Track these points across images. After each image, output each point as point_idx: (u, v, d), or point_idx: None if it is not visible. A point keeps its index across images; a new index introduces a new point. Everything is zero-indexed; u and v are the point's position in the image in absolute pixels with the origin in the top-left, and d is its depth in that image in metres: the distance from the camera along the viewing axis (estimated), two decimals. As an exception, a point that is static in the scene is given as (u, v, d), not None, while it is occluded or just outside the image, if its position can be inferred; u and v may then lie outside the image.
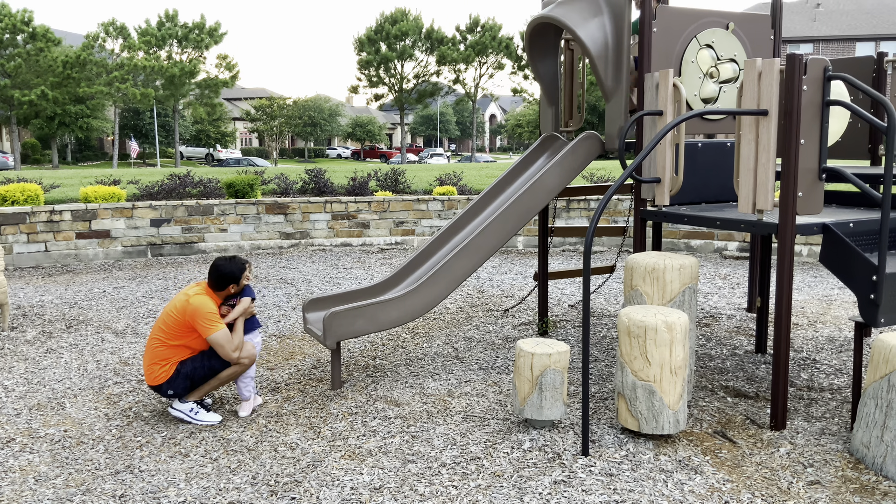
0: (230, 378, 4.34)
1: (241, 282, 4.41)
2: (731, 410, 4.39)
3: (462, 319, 6.73)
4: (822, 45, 46.08)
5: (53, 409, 4.53)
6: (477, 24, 52.09)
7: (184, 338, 4.22)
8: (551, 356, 4.00)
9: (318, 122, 58.06)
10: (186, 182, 11.52)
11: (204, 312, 4.17)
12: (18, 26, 37.78)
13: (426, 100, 55.48)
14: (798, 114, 3.83)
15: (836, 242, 3.98)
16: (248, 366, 4.34)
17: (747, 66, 3.96)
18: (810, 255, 9.55)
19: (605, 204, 3.70)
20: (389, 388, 4.84)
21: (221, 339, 4.18)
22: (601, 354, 5.57)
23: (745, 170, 4.03)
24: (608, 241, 10.87)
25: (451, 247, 5.50)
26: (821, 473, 3.57)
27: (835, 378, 4.99)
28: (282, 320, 6.72)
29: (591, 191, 6.71)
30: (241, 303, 4.42)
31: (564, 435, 4.04)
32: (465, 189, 12.22)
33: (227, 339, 4.21)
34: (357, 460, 3.77)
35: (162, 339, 4.22)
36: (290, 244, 10.91)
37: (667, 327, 3.78)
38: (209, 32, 46.17)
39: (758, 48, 5.31)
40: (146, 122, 48.76)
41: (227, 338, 4.21)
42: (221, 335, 4.19)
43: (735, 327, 6.35)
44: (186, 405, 4.28)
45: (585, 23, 5.12)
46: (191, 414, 4.28)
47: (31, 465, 3.76)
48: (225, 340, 4.20)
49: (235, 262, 4.37)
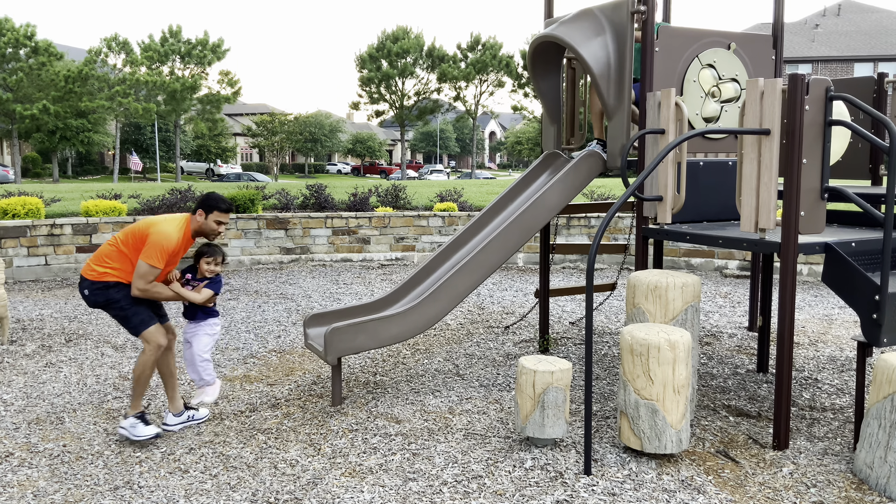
0: (142, 373, 4.17)
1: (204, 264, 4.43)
2: (734, 430, 4.38)
3: (463, 336, 6.71)
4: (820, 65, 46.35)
5: (52, 424, 4.51)
6: (478, 42, 52.38)
7: (131, 252, 4.16)
8: (553, 374, 3.99)
9: (318, 137, 58.21)
10: (187, 197, 11.53)
11: (157, 241, 4.10)
12: (21, 40, 37.95)
13: (427, 117, 55.69)
14: (800, 133, 3.85)
15: (838, 262, 3.98)
16: (150, 353, 4.17)
17: (749, 86, 3.98)
18: (811, 274, 9.55)
19: (607, 222, 3.70)
20: (390, 405, 4.82)
21: (144, 269, 4.09)
22: (603, 372, 5.56)
23: (747, 189, 4.04)
24: (609, 259, 10.87)
25: (452, 263, 5.50)
26: (824, 494, 3.55)
27: (837, 398, 4.97)
28: (282, 336, 6.70)
29: (592, 208, 6.72)
30: (203, 292, 4.43)
31: (566, 454, 4.02)
32: (465, 205, 12.24)
33: (147, 276, 4.10)
34: (357, 478, 3.75)
35: (119, 239, 4.20)
36: (290, 259, 10.91)
37: (670, 345, 3.77)
38: (212, 49, 46.40)
39: (759, 68, 5.34)
40: (147, 137, 48.90)
41: (148, 276, 4.10)
42: (147, 268, 4.09)
43: (736, 346, 6.33)
44: (128, 420, 4.17)
45: (588, 42, 5.15)
46: (131, 430, 4.15)
47: (30, 479, 3.74)
48: (144, 273, 4.09)
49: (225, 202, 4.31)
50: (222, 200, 4.31)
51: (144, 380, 4.22)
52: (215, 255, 4.51)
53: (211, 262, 4.49)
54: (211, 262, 4.49)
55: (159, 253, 4.11)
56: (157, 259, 4.11)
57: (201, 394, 4.62)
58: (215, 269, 4.51)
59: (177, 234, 4.20)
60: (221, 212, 4.31)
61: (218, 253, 4.53)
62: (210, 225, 4.30)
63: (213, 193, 4.33)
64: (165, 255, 4.14)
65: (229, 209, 4.36)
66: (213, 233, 4.33)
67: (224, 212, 4.32)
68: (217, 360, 5.88)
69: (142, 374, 4.19)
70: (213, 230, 4.31)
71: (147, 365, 4.19)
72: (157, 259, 4.11)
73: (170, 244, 4.14)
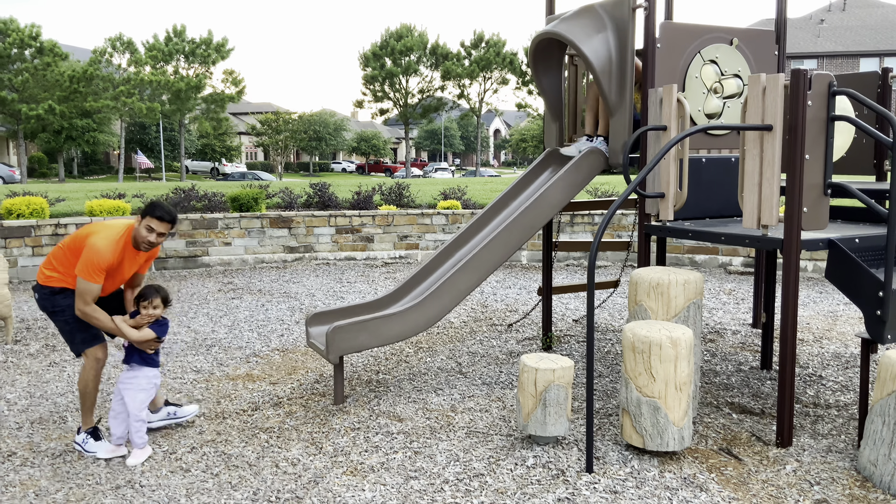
0: (85, 388, 4.05)
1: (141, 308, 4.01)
2: (737, 427, 4.36)
3: (466, 334, 6.70)
4: (825, 60, 46.16)
5: (55, 423, 4.52)
6: (481, 39, 52.33)
7: (73, 258, 3.92)
8: (555, 371, 3.98)
9: (323, 136, 58.25)
10: (191, 196, 11.55)
11: (87, 257, 3.79)
12: (26, 41, 38.05)
13: (431, 114, 55.68)
14: (803, 129, 3.82)
15: (841, 258, 3.96)
16: (89, 368, 4.03)
17: (751, 82, 3.95)
18: (815, 270, 9.51)
19: (608, 219, 3.69)
20: (392, 403, 4.81)
21: (81, 287, 3.81)
22: (606, 370, 5.54)
23: (749, 185, 4.02)
24: (612, 256, 10.84)
25: (454, 261, 5.48)
26: (827, 491, 3.53)
27: (841, 394, 4.95)
28: (285, 334, 6.70)
29: (595, 205, 6.70)
30: (143, 330, 4.00)
31: (568, 451, 4.00)
32: (469, 203, 12.23)
33: (84, 294, 3.82)
34: (359, 476, 3.75)
35: (66, 242, 3.98)
36: (294, 258, 10.91)
37: (671, 343, 3.75)
38: (216, 48, 46.43)
39: (762, 64, 5.31)
40: (152, 137, 48.99)
41: (85, 294, 3.82)
42: (84, 285, 3.80)
43: (740, 343, 6.31)
44: (80, 436, 4.08)
45: (589, 38, 5.13)
46: (83, 445, 4.04)
47: (32, 479, 3.74)
48: (81, 292, 3.82)
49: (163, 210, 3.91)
50: (160, 207, 3.91)
51: (89, 394, 4.08)
52: (151, 297, 4.00)
53: (148, 304, 4.00)
54: (148, 304, 4.00)
55: (90, 269, 3.80)
56: (89, 275, 3.81)
57: (119, 451, 4.03)
58: (153, 312, 4.02)
59: (110, 247, 3.84)
60: (155, 218, 3.88)
61: (155, 294, 4.03)
62: (140, 231, 3.90)
63: (159, 202, 3.96)
64: (99, 272, 3.82)
65: (165, 218, 3.90)
66: (142, 241, 3.91)
67: (158, 219, 3.88)
68: (220, 360, 5.89)
69: (85, 390, 4.08)
70: (143, 238, 3.90)
71: (89, 380, 4.05)
72: (89, 275, 3.81)
73: (100, 260, 3.81)
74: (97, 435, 4.07)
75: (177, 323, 7.13)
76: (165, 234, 3.98)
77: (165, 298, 4.11)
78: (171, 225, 3.96)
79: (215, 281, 9.50)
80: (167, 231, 3.96)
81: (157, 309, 4.04)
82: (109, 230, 3.93)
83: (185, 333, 6.74)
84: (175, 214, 4.00)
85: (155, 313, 4.04)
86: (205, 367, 5.70)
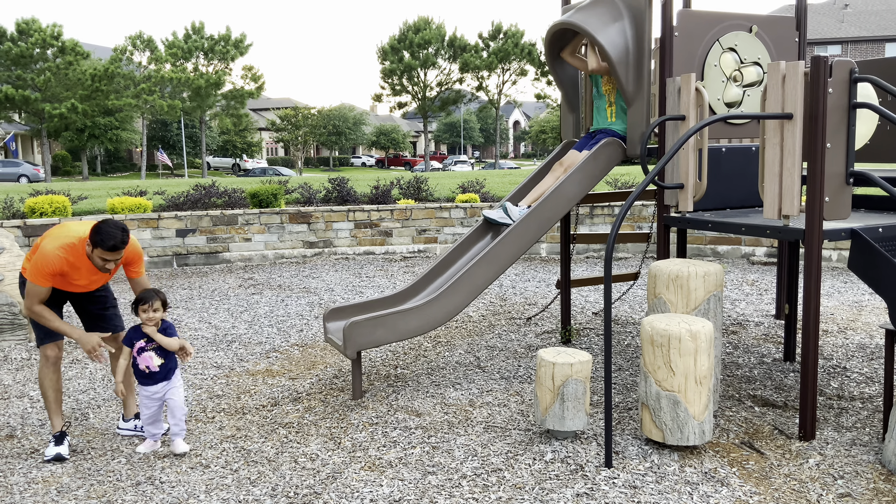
0: (41, 387, 4.03)
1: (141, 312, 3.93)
2: (759, 420, 4.30)
3: (484, 328, 6.68)
4: (850, 46, 45.41)
5: (77, 420, 4.56)
6: (499, 31, 52.07)
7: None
8: (573, 366, 3.95)
9: (342, 131, 58.40)
10: (212, 192, 11.62)
11: (35, 261, 3.79)
12: (48, 41, 38.49)
13: (449, 107, 55.57)
14: (824, 117, 3.75)
15: (864, 248, 3.88)
16: (41, 366, 4.01)
17: (771, 69, 3.88)
18: (840, 260, 9.37)
19: (625, 211, 3.64)
20: (410, 398, 4.81)
21: (28, 287, 3.84)
22: (625, 363, 5.50)
23: (770, 175, 3.95)
24: (633, 248, 10.76)
25: (471, 255, 5.46)
26: (851, 486, 3.48)
27: (866, 386, 4.87)
28: (304, 329, 6.72)
29: (615, 197, 6.64)
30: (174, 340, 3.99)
31: (587, 446, 3.98)
32: (487, 196, 12.19)
33: (31, 294, 3.83)
34: (377, 472, 3.75)
35: (38, 241, 3.96)
36: (313, 253, 10.95)
37: (691, 336, 3.71)
38: (235, 44, 46.68)
39: (782, 51, 5.22)
40: (174, 134, 49.41)
41: (31, 294, 3.82)
42: (30, 285, 3.82)
43: (763, 335, 6.23)
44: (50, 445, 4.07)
45: (605, 28, 5.07)
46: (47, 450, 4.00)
47: (54, 476, 3.78)
48: (28, 292, 3.84)
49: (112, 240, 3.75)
50: (110, 237, 3.74)
51: (46, 394, 4.05)
52: (151, 300, 3.94)
53: (147, 308, 3.93)
54: (147, 308, 3.93)
55: (35, 272, 3.81)
56: (34, 277, 3.82)
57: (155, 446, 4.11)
58: (153, 315, 3.95)
59: (58, 255, 3.78)
60: (106, 250, 3.75)
61: (154, 297, 3.96)
62: (95, 260, 3.84)
63: (107, 225, 3.77)
64: (45, 276, 3.80)
65: (117, 247, 3.77)
66: (100, 267, 3.87)
67: (110, 250, 3.75)
68: (240, 355, 5.92)
69: (41, 389, 4.07)
70: (101, 266, 3.85)
71: (43, 378, 4.04)
72: (34, 277, 3.82)
73: (44, 265, 3.78)
74: (59, 440, 4.01)
75: (197, 319, 7.17)
76: (121, 256, 3.87)
77: (164, 301, 4.04)
78: (123, 248, 3.82)
79: (236, 277, 9.56)
80: (121, 254, 3.85)
81: (156, 312, 3.97)
82: (63, 239, 3.85)
83: (206, 329, 6.78)
84: (123, 237, 3.80)
85: (155, 316, 3.96)
86: (225, 362, 5.73)
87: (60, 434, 4.06)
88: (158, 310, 3.98)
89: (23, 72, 38.18)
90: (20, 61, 38.05)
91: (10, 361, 5.86)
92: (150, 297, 3.96)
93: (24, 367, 5.69)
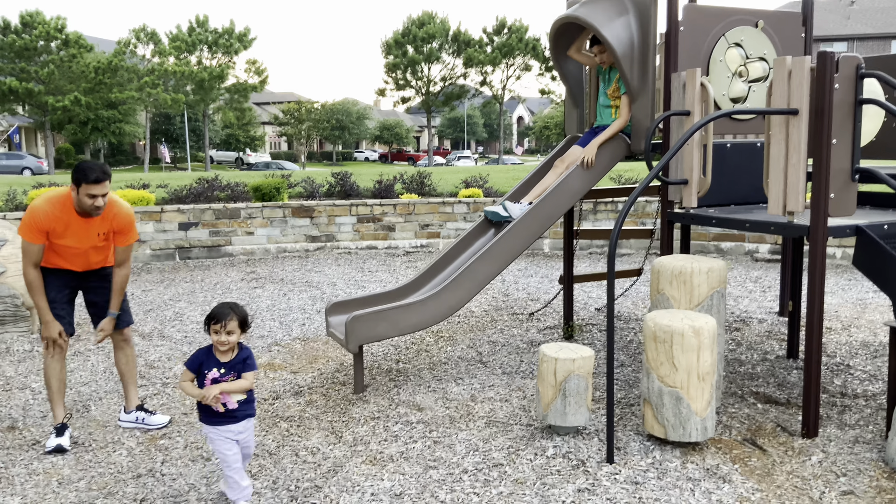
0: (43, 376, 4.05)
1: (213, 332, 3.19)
2: (762, 417, 4.29)
3: (487, 323, 6.67)
4: (856, 43, 45.24)
5: (79, 412, 4.56)
6: (504, 25, 52.00)
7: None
8: (575, 361, 3.93)
9: (345, 125, 58.35)
10: (214, 186, 11.61)
11: (25, 215, 3.82)
12: (52, 33, 38.50)
13: (453, 102, 55.56)
14: (829, 113, 3.72)
15: (869, 245, 3.86)
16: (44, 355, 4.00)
17: (777, 65, 3.86)
18: (844, 257, 9.34)
19: (629, 207, 3.62)
20: (412, 393, 4.80)
21: (22, 245, 3.85)
22: (628, 359, 5.48)
23: (775, 171, 3.93)
24: (636, 244, 10.73)
25: (474, 250, 5.45)
26: (854, 483, 3.46)
27: (869, 384, 4.85)
28: (306, 324, 6.72)
29: (619, 193, 6.62)
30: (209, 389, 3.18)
31: (589, 442, 3.96)
32: (490, 191, 12.17)
33: (26, 252, 3.85)
34: (378, 466, 3.74)
35: None
36: (315, 247, 10.94)
37: (694, 332, 3.69)
38: (238, 38, 46.64)
39: (788, 47, 5.19)
40: (177, 127, 49.41)
41: (26, 252, 3.85)
42: (23, 243, 3.84)
43: (766, 332, 6.21)
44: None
45: (610, 22, 5.04)
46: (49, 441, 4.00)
47: (55, 467, 3.78)
48: (23, 250, 3.85)
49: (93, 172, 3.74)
50: (90, 170, 3.77)
51: (48, 385, 4.09)
52: (223, 319, 3.15)
53: (220, 328, 3.15)
54: (220, 328, 3.15)
55: (27, 228, 3.84)
56: (26, 233, 3.84)
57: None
58: (228, 339, 3.16)
59: (45, 207, 3.83)
60: (90, 183, 3.76)
61: (227, 314, 3.16)
62: (84, 201, 3.82)
63: (82, 164, 3.84)
64: (37, 231, 3.83)
65: (100, 178, 3.77)
66: (90, 209, 3.84)
67: (93, 182, 3.76)
68: (241, 348, 5.91)
69: (45, 379, 4.10)
70: (89, 206, 3.82)
71: (47, 370, 4.07)
72: (26, 233, 3.84)
73: (34, 218, 3.82)
74: (59, 432, 4.03)
75: (200, 312, 7.17)
76: (108, 191, 3.87)
77: (242, 316, 3.23)
78: (107, 179, 3.83)
79: (238, 270, 9.55)
80: (108, 188, 3.86)
81: (231, 336, 3.18)
82: (51, 194, 3.92)
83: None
84: (104, 168, 3.83)
85: (229, 340, 3.17)
86: (226, 356, 5.72)
87: (62, 426, 4.07)
88: (234, 332, 3.19)
89: (26, 64, 38.19)
90: (24, 54, 38.06)
91: (12, 353, 5.86)
92: (224, 315, 3.16)
93: (27, 359, 5.69)
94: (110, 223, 4.03)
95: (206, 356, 3.24)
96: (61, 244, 3.96)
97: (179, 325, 6.67)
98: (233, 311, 3.18)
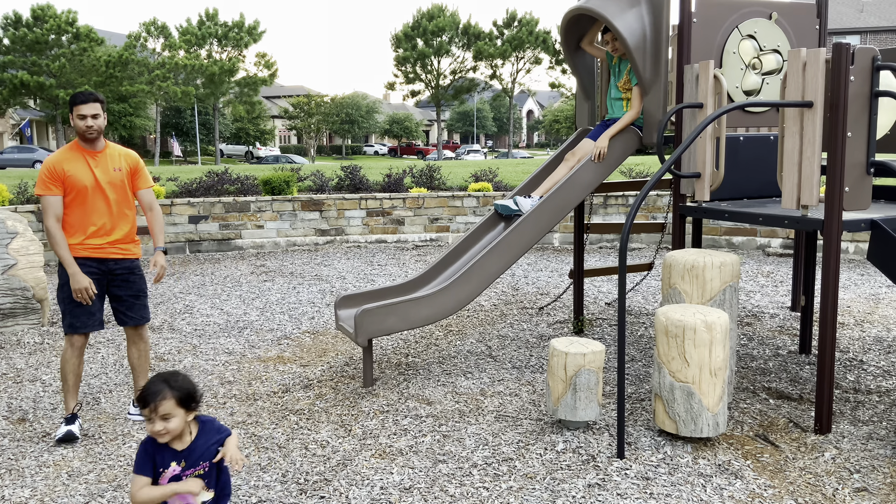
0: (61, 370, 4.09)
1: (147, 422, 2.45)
2: (774, 413, 4.25)
3: (496, 317, 6.65)
4: (869, 36, 44.86)
5: (89, 405, 4.57)
6: (514, 18, 51.81)
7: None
8: (585, 356, 3.91)
9: (355, 119, 58.36)
10: (224, 179, 11.62)
11: (41, 169, 3.93)
12: (63, 27, 38.62)
13: (463, 96, 55.42)
14: (845, 105, 3.68)
15: (884, 239, 3.82)
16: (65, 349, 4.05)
17: (791, 57, 3.81)
18: (857, 252, 9.27)
19: (640, 201, 3.59)
20: (421, 387, 4.79)
21: (43, 203, 3.92)
22: (639, 354, 5.45)
23: (788, 164, 3.89)
24: (647, 238, 10.68)
25: (484, 244, 5.42)
26: (868, 480, 3.43)
27: (883, 380, 4.80)
28: (316, 317, 6.72)
29: (629, 186, 6.58)
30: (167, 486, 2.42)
31: (599, 437, 3.94)
32: (500, 185, 12.12)
33: (46, 208, 3.91)
34: (387, 459, 3.73)
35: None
36: (325, 241, 10.94)
37: (706, 327, 3.66)
38: (248, 31, 46.69)
39: (802, 39, 5.13)
40: (187, 121, 49.52)
41: (46, 208, 3.91)
42: (42, 200, 3.92)
43: (778, 327, 6.16)
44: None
45: (622, 14, 5.00)
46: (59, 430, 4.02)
47: (65, 459, 3.79)
48: (43, 207, 3.92)
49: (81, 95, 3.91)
50: (79, 93, 3.94)
51: (64, 377, 4.13)
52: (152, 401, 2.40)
53: (150, 413, 2.40)
54: (150, 413, 2.40)
55: (41, 182, 3.93)
56: (41, 188, 3.93)
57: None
58: (166, 426, 2.40)
59: (55, 154, 3.98)
60: (78, 104, 3.92)
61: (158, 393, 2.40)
62: (77, 124, 3.95)
63: (75, 93, 4.00)
64: (52, 180, 3.92)
65: (88, 99, 3.93)
66: (84, 131, 3.94)
67: (81, 102, 3.91)
68: (252, 342, 5.92)
69: (62, 371, 4.13)
70: (82, 128, 3.94)
71: (65, 363, 4.12)
72: (41, 188, 3.93)
73: (45, 168, 3.94)
74: (68, 421, 4.06)
75: (209, 305, 7.18)
76: (99, 113, 3.95)
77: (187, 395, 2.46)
78: (95, 101, 3.94)
79: (248, 264, 9.56)
80: (99, 109, 3.94)
81: (168, 421, 2.41)
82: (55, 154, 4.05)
83: (218, 315, 6.79)
84: (98, 94, 3.97)
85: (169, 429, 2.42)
86: (237, 348, 5.73)
87: (72, 416, 4.09)
88: (172, 416, 2.42)
89: (38, 58, 38.34)
90: (35, 47, 38.21)
91: (23, 345, 5.88)
92: (154, 394, 2.40)
93: (37, 352, 5.71)
94: (124, 158, 4.16)
95: (154, 448, 2.47)
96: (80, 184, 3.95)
97: (189, 318, 6.68)
98: (167, 386, 2.42)
